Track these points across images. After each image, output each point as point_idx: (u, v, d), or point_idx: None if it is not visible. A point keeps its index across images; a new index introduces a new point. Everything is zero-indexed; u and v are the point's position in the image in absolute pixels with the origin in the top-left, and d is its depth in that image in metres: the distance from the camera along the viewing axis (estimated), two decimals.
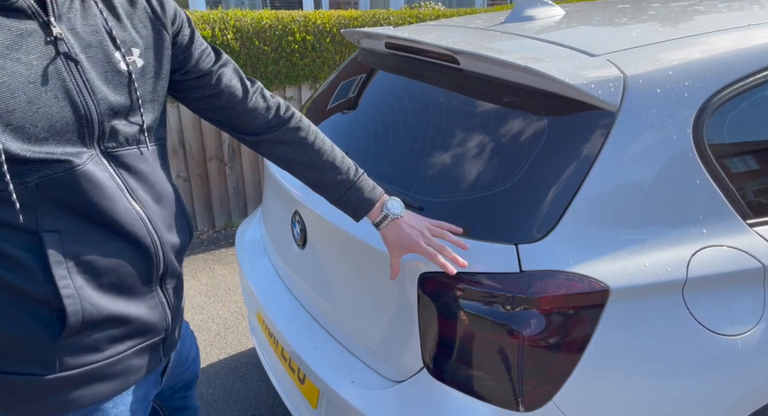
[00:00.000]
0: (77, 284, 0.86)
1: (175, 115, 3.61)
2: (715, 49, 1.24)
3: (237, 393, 2.34)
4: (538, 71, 1.13)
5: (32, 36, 0.80)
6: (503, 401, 1.12)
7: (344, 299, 1.44)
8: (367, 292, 1.35)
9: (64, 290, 0.85)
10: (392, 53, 1.63)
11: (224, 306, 3.00)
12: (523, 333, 1.08)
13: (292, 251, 1.67)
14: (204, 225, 3.94)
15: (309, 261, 1.57)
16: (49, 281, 0.84)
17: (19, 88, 0.78)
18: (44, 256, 0.83)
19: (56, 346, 0.87)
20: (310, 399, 1.54)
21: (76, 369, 0.90)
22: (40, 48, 0.80)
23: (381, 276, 1.29)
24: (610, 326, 1.10)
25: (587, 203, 1.11)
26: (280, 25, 3.72)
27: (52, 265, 0.83)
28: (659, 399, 1.16)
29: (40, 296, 0.84)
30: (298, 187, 1.61)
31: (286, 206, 1.70)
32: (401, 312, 1.26)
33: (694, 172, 1.17)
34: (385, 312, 1.31)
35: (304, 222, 1.57)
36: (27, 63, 0.79)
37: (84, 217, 0.86)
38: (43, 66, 0.80)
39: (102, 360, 0.92)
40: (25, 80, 0.78)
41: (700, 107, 1.18)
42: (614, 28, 1.47)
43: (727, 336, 1.18)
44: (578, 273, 1.08)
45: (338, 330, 1.49)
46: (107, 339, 0.92)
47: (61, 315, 0.86)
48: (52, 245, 0.83)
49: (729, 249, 1.19)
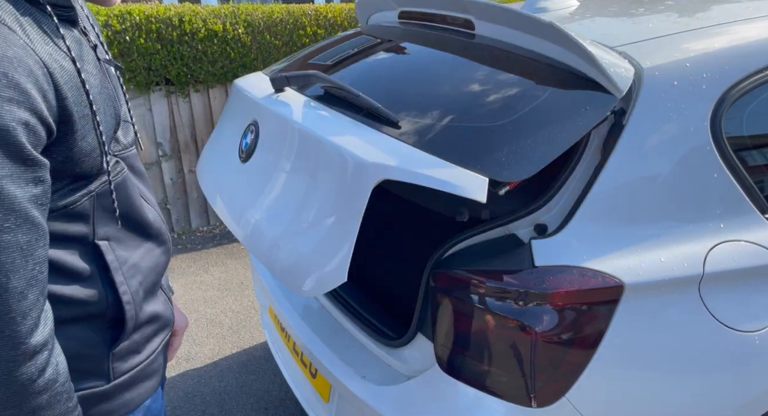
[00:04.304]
0: (133, 289, 0.88)
1: (187, 109, 3.63)
2: (734, 40, 1.21)
3: (249, 387, 2.36)
4: (561, 31, 1.11)
5: (83, 45, 0.81)
6: (516, 397, 1.11)
7: (282, 205, 1.23)
8: (309, 193, 1.17)
9: (124, 296, 0.85)
10: (404, 23, 1.62)
11: (237, 300, 3.02)
12: (535, 329, 1.07)
13: (233, 165, 1.46)
14: (216, 220, 3.96)
15: (253, 174, 1.36)
16: (109, 289, 0.84)
17: (98, 99, 0.80)
18: (104, 265, 0.84)
19: (110, 355, 0.88)
20: (322, 394, 1.54)
21: (126, 374, 0.91)
22: (91, 57, 0.82)
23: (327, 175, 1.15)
24: (625, 322, 1.09)
25: (601, 197, 1.09)
26: (291, 19, 3.71)
27: (113, 272, 0.84)
28: (674, 395, 1.15)
29: (99, 306, 0.84)
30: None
31: (244, 117, 1.52)
32: (342, 215, 1.08)
33: (711, 166, 1.15)
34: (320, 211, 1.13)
35: (259, 129, 1.40)
36: (92, 73, 0.81)
37: (123, 221, 0.88)
38: (99, 76, 0.83)
39: (144, 360, 0.94)
40: (98, 92, 0.80)
41: (718, 99, 1.16)
42: (630, 19, 1.45)
43: (744, 332, 1.16)
44: (592, 269, 1.07)
45: (263, 243, 1.25)
46: (145, 339, 0.94)
47: (113, 324, 0.87)
48: (108, 253, 0.84)
49: (747, 244, 1.17)
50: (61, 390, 0.74)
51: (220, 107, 3.71)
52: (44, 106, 0.68)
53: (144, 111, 3.49)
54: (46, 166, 0.70)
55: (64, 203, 0.78)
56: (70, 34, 0.79)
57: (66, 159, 0.75)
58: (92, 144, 0.78)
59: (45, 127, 0.69)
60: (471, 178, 0.99)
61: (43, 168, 0.69)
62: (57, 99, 0.71)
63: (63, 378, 0.74)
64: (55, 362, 0.72)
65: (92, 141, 0.78)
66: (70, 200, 0.78)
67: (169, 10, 3.39)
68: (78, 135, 0.75)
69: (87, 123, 0.77)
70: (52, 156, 0.73)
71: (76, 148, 0.75)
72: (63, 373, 0.74)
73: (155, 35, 3.34)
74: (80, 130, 0.75)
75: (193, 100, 3.63)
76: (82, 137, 0.76)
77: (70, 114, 0.73)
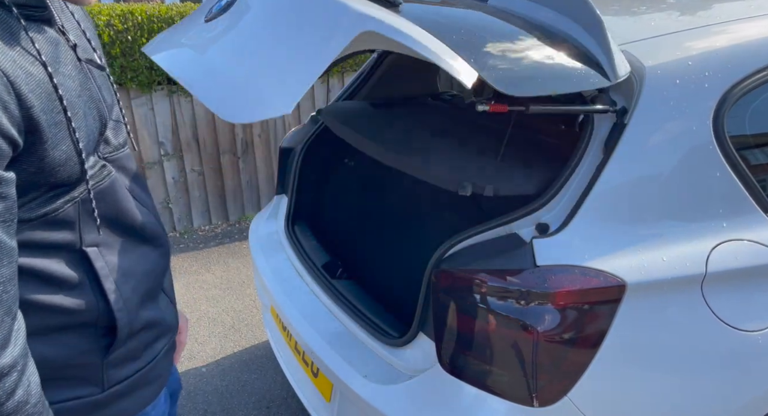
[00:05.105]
0: (125, 296, 0.85)
1: (189, 108, 3.63)
2: (737, 39, 1.21)
3: (251, 386, 2.36)
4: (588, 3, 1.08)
5: (60, 44, 0.77)
6: (517, 396, 1.11)
7: None
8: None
9: (115, 304, 0.82)
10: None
11: (238, 299, 3.02)
12: (537, 329, 1.07)
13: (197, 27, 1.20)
14: (218, 219, 3.96)
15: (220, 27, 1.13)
16: (100, 297, 0.81)
17: (76, 103, 0.75)
18: (93, 272, 0.81)
19: (103, 363, 0.85)
20: (324, 393, 1.54)
21: (122, 382, 0.89)
22: (69, 57, 0.78)
23: None
24: (627, 321, 1.09)
25: (603, 196, 1.09)
26: None
27: (102, 280, 0.81)
28: (676, 395, 1.15)
29: (90, 315, 0.81)
30: None
31: None
32: (311, 53, 0.94)
33: (714, 165, 1.14)
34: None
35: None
36: (70, 75, 0.76)
37: (114, 226, 0.85)
38: (79, 77, 0.78)
39: (142, 367, 0.92)
40: (76, 95, 0.76)
41: (720, 98, 1.15)
42: (632, 18, 1.44)
43: (747, 332, 1.16)
44: (594, 268, 1.07)
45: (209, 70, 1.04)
46: (144, 345, 0.92)
47: (107, 332, 0.85)
48: (97, 259, 0.81)
49: (750, 243, 1.17)
50: (33, 411, 0.69)
51: None
52: (5, 118, 0.64)
53: (146, 110, 3.49)
54: (9, 182, 0.65)
55: (44, 211, 0.74)
56: (43, 35, 0.74)
57: (38, 170, 0.71)
58: (68, 152, 0.74)
59: (7, 140, 0.64)
60: (463, 64, 0.93)
61: (4, 184, 0.65)
62: (21, 108, 0.66)
63: (35, 398, 0.70)
64: (27, 382, 0.68)
65: (68, 149, 0.74)
66: (50, 208, 0.75)
67: (171, 9, 3.40)
68: (49, 144, 0.71)
69: (60, 130, 0.72)
70: (22, 167, 0.69)
71: (48, 158, 0.71)
72: (35, 394, 0.70)
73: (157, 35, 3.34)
74: (51, 138, 0.71)
75: (195, 100, 3.63)
76: (55, 146, 0.72)
77: (37, 123, 0.68)
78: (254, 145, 3.93)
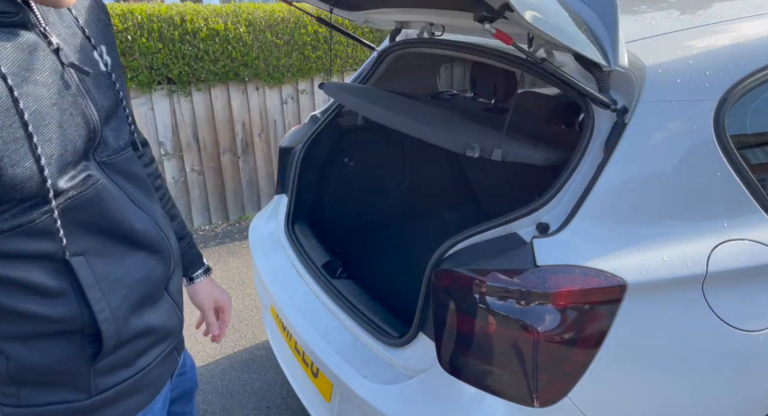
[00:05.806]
0: (113, 305, 0.82)
1: (189, 107, 3.63)
2: (737, 38, 1.20)
3: (251, 385, 2.36)
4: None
5: (38, 50, 0.73)
6: (517, 396, 1.11)
7: None
8: None
9: (100, 314, 0.80)
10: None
11: (238, 298, 3.02)
12: (537, 329, 1.06)
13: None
14: (218, 218, 3.96)
15: None
16: (84, 307, 0.79)
17: (49, 113, 0.72)
18: (76, 282, 0.78)
19: (90, 370, 0.84)
20: (324, 393, 1.54)
21: (110, 390, 0.87)
22: (48, 63, 0.74)
23: None
24: (627, 321, 1.08)
25: (604, 196, 1.09)
26: (292, 17, 3.71)
27: (86, 290, 0.79)
28: (677, 395, 1.14)
29: (74, 324, 0.80)
30: None
31: None
32: None
33: (714, 164, 1.14)
34: None
35: None
36: (45, 83, 0.72)
37: (103, 234, 0.82)
38: (57, 84, 0.74)
39: (134, 375, 0.90)
40: (50, 104, 0.72)
41: (721, 97, 1.15)
42: (632, 17, 1.44)
43: (748, 332, 1.15)
44: (594, 268, 1.06)
45: None
46: (136, 353, 0.90)
47: (94, 339, 0.83)
48: (82, 269, 0.79)
49: (751, 242, 1.16)
50: None
51: (221, 106, 3.71)
52: None
53: (146, 110, 3.49)
54: None
55: (18, 222, 0.72)
56: (12, 42, 0.69)
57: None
58: (31, 169, 0.70)
59: None
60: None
61: None
62: None
63: None
64: None
65: (30, 166, 0.69)
66: (26, 219, 0.72)
67: (171, 9, 3.39)
68: (5, 162, 0.67)
69: (20, 147, 0.68)
70: None
71: (6, 176, 0.67)
72: None
73: (157, 34, 3.34)
74: (9, 156, 0.67)
75: (195, 99, 3.63)
76: (12, 164, 0.68)
77: None
78: (254, 145, 3.92)
